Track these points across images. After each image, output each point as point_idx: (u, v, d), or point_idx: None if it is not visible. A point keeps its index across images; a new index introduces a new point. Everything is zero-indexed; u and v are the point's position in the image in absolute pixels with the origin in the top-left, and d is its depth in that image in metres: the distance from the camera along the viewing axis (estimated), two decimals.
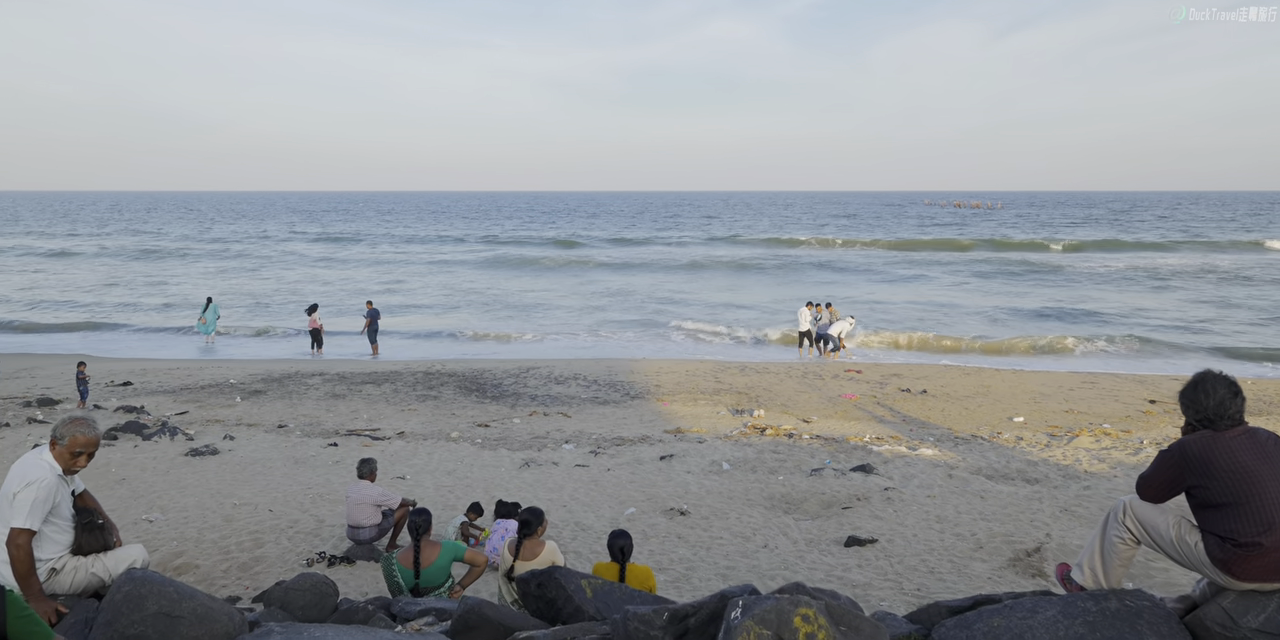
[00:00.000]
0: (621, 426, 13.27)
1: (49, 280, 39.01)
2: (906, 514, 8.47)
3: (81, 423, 4.03)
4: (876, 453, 11.15)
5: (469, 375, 17.28)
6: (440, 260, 48.54)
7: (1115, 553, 3.46)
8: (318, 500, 9.12)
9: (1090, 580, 3.50)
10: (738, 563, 7.30)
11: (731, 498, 9.19)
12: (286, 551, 7.65)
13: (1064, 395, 15.20)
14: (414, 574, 4.97)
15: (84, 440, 3.98)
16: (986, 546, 7.49)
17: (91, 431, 4.03)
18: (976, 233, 66.97)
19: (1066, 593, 3.50)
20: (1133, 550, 3.48)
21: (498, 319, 27.88)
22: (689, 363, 19.20)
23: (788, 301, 30.29)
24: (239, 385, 16.29)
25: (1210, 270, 39.59)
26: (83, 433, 3.98)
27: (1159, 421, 13.10)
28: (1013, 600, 3.31)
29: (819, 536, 7.94)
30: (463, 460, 11.01)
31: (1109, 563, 3.47)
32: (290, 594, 4.98)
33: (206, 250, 55.12)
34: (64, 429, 3.96)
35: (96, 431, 4.08)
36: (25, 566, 3.71)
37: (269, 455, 11.11)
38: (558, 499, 9.21)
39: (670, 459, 10.87)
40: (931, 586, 6.67)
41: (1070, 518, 8.26)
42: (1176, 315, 26.90)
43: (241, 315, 28.58)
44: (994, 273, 40.25)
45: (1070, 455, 10.92)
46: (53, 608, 3.71)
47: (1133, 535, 3.44)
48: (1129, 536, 3.44)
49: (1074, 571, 3.61)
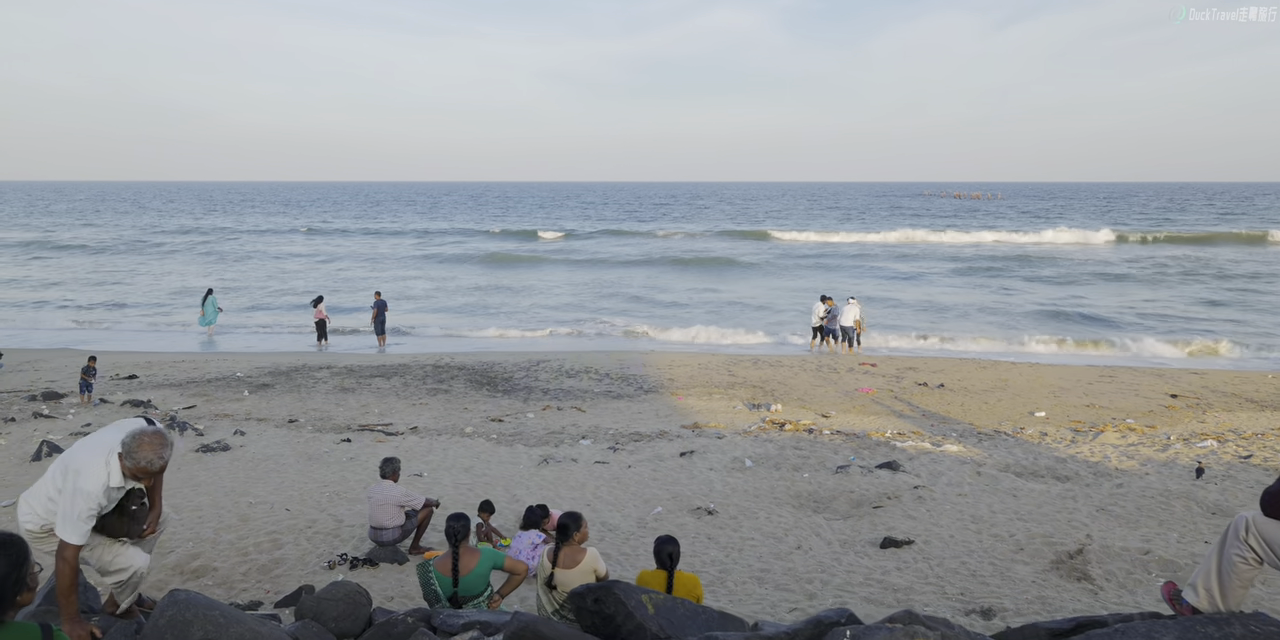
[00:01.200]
0: (637, 421, 13.05)
1: (42, 272, 38.68)
2: (940, 514, 8.27)
3: (152, 447, 3.73)
4: (901, 449, 10.94)
5: (479, 368, 17.04)
6: (425, 254, 47.79)
7: (1235, 573, 3.22)
8: (335, 498, 8.91)
9: (1206, 602, 3.27)
10: (772, 565, 7.10)
11: (758, 496, 8.98)
12: (306, 553, 7.43)
13: (1083, 389, 15.00)
14: (452, 582, 4.75)
15: (146, 470, 3.75)
16: (1027, 548, 7.28)
17: (160, 459, 3.75)
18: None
19: (1176, 614, 3.28)
20: (1255, 571, 3.24)
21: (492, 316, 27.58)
22: (701, 355, 18.98)
23: (783, 296, 30.06)
24: (246, 378, 16.05)
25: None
26: (150, 462, 3.73)
27: (1183, 417, 12.89)
28: (1122, 623, 3.08)
29: (853, 537, 7.73)
30: (479, 456, 10.79)
31: (1228, 584, 3.24)
32: (323, 604, 4.77)
33: (182, 243, 54.66)
34: (136, 450, 3.71)
35: (165, 458, 3.77)
36: (68, 582, 3.57)
37: (281, 451, 10.89)
38: (581, 498, 9.00)
39: (691, 455, 10.66)
40: (975, 591, 6.47)
41: (1108, 517, 8.07)
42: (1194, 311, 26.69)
43: (237, 310, 28.30)
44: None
45: (1098, 451, 10.72)
46: (88, 631, 3.50)
47: (1255, 555, 3.20)
48: (1251, 556, 3.20)
49: (1185, 592, 3.38)
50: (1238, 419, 12.50)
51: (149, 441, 3.76)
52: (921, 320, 24.92)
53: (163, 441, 3.82)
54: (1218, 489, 8.89)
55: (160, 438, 3.82)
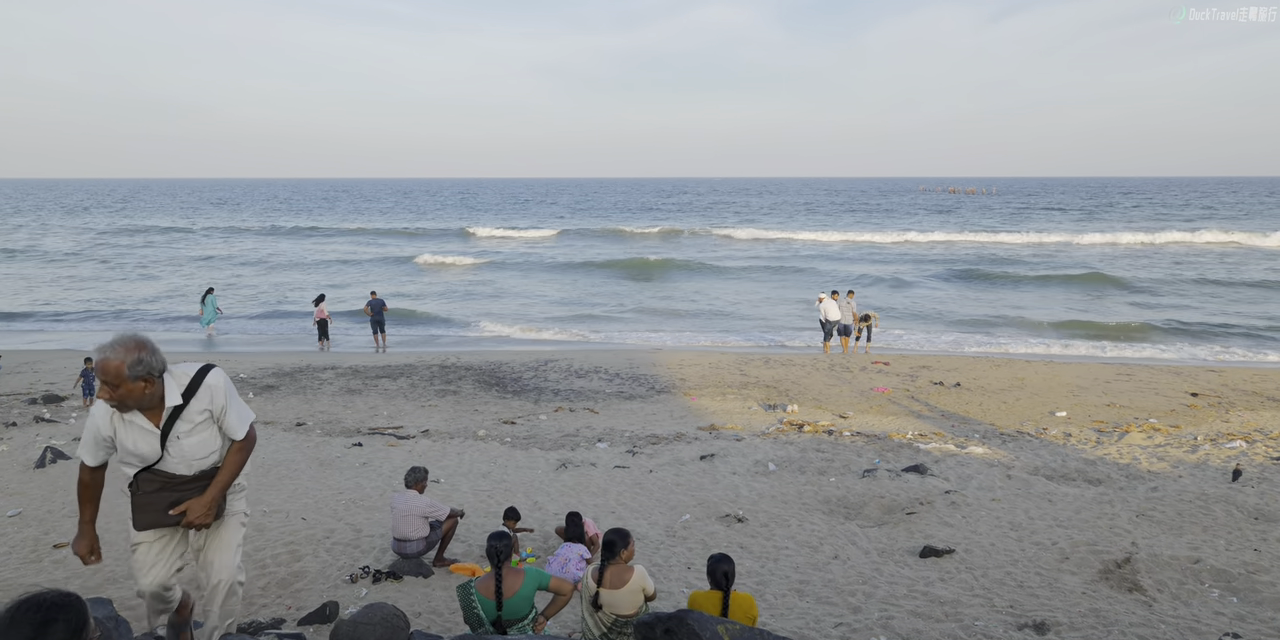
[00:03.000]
0: (652, 423, 12.81)
1: (32, 273, 38.26)
2: (977, 520, 8.05)
3: (101, 348, 3.44)
4: (925, 451, 10.72)
5: (486, 368, 16.77)
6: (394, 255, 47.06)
7: None
8: (351, 507, 8.64)
9: None
10: (810, 576, 6.86)
11: (786, 502, 8.75)
12: (327, 565, 7.16)
13: (1102, 388, 14.80)
14: (496, 606, 4.50)
15: (102, 369, 3.43)
16: (1072, 557, 7.06)
17: (102, 355, 3.41)
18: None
19: None
20: None
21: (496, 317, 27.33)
22: (711, 354, 18.73)
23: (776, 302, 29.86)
24: (250, 380, 15.75)
25: None
26: (103, 360, 3.42)
27: (1206, 416, 12.70)
28: None
29: (890, 546, 7.50)
30: (495, 461, 10.54)
31: None
32: (359, 630, 4.52)
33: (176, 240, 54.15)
34: (98, 349, 3.47)
35: (108, 356, 3.39)
36: (78, 495, 3.88)
37: (292, 456, 10.61)
38: (604, 505, 8.75)
39: (712, 459, 10.42)
40: (1025, 603, 6.24)
41: (1149, 523, 7.85)
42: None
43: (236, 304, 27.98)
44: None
45: (1126, 453, 10.52)
46: (87, 548, 3.82)
47: None
48: None
49: None
50: (1262, 418, 12.30)
51: (113, 339, 3.47)
52: (928, 323, 24.77)
53: (129, 343, 3.43)
54: (1256, 492, 8.68)
55: (130, 339, 3.45)
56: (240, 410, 3.94)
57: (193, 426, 3.77)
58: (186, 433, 3.77)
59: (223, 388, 3.83)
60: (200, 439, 3.82)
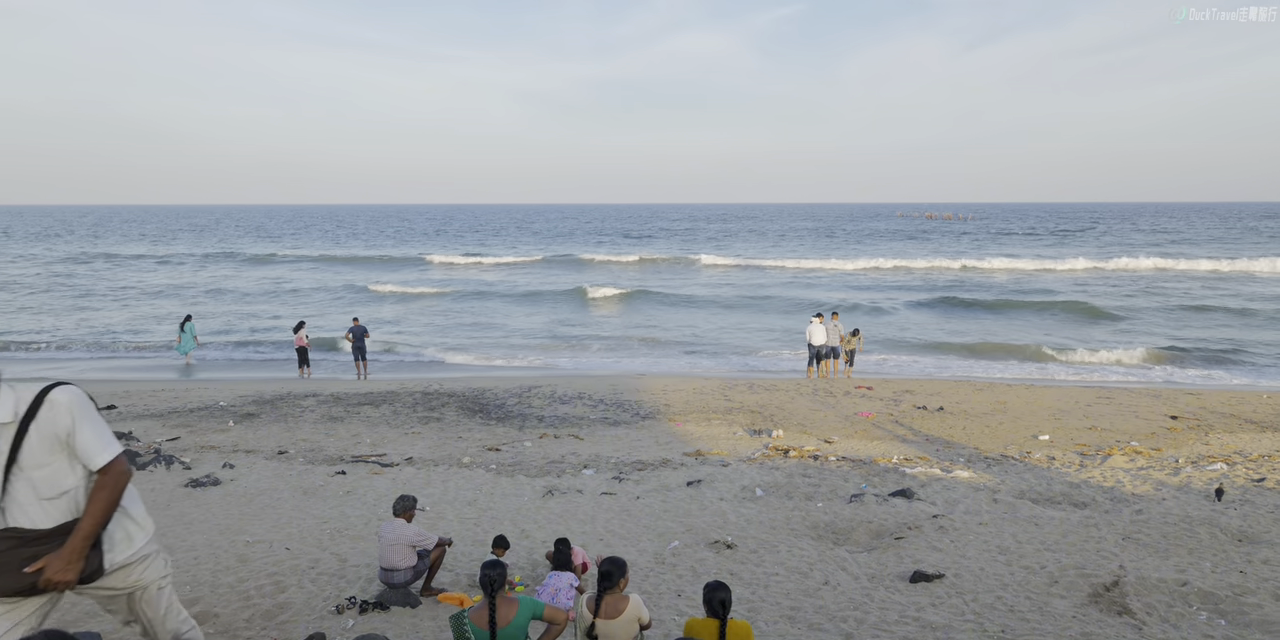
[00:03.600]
0: (638, 449, 12.77)
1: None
2: (965, 545, 8.06)
3: None
4: (911, 476, 10.75)
5: (469, 395, 16.68)
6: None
7: None
8: (336, 536, 8.52)
9: None
10: (802, 603, 6.83)
11: (774, 528, 8.73)
12: (312, 596, 7.04)
13: (1083, 411, 14.94)
14: (490, 636, 4.45)
15: None
16: (1061, 581, 7.08)
17: None
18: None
19: None
20: None
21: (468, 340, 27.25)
22: (695, 380, 18.74)
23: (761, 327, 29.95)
24: (230, 408, 15.56)
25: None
26: None
27: (1186, 439, 12.83)
28: None
29: (880, 571, 7.49)
30: (481, 488, 10.44)
31: None
32: None
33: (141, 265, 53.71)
34: None
35: None
36: None
37: (275, 485, 10.47)
38: (592, 532, 8.68)
39: (699, 484, 10.39)
40: (1017, 628, 6.24)
41: (1136, 546, 7.90)
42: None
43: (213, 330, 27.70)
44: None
45: (1109, 476, 10.60)
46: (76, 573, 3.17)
47: None
48: None
49: None
50: (1241, 441, 12.45)
51: None
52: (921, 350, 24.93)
53: None
54: (1239, 515, 8.77)
55: None
56: (99, 432, 3.34)
57: (35, 455, 3.20)
58: (33, 465, 3.20)
59: (68, 404, 3.25)
60: (50, 471, 3.23)
